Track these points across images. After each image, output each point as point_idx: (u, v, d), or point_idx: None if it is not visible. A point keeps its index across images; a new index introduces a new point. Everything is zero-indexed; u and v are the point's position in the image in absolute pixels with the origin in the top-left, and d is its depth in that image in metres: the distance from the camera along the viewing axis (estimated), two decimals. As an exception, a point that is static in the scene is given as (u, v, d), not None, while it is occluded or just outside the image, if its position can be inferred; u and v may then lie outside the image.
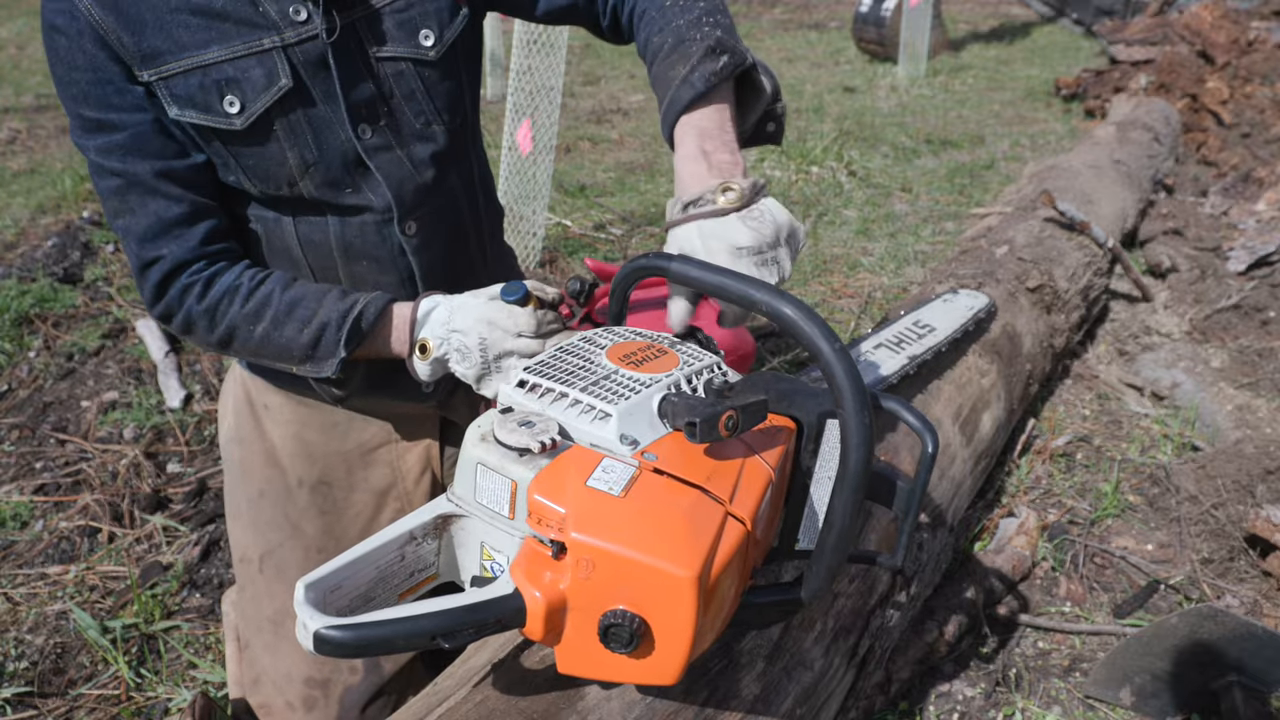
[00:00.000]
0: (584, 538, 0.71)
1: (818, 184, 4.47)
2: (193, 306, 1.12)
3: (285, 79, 1.06)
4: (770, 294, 0.78)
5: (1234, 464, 2.03)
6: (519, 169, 3.41)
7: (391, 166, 1.16)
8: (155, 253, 1.10)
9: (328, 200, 1.15)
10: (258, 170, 1.11)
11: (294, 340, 1.12)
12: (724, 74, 1.05)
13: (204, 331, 1.14)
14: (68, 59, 1.03)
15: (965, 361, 1.82)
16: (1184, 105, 4.74)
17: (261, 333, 1.12)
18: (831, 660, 1.17)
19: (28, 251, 3.50)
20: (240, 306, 1.12)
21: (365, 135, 1.13)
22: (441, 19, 1.17)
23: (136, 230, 1.10)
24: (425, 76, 1.17)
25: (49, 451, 2.42)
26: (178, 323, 1.15)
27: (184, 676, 1.75)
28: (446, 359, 1.10)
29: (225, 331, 1.13)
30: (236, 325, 1.13)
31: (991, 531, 2.00)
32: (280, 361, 1.15)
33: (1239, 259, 3.14)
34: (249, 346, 1.14)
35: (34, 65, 7.14)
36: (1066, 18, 8.84)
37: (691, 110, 1.04)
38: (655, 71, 1.12)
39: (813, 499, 0.89)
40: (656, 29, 1.14)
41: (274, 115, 1.08)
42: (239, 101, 1.06)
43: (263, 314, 1.12)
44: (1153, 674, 1.53)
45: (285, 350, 1.13)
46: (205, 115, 1.06)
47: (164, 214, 1.09)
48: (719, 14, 1.12)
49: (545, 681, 0.90)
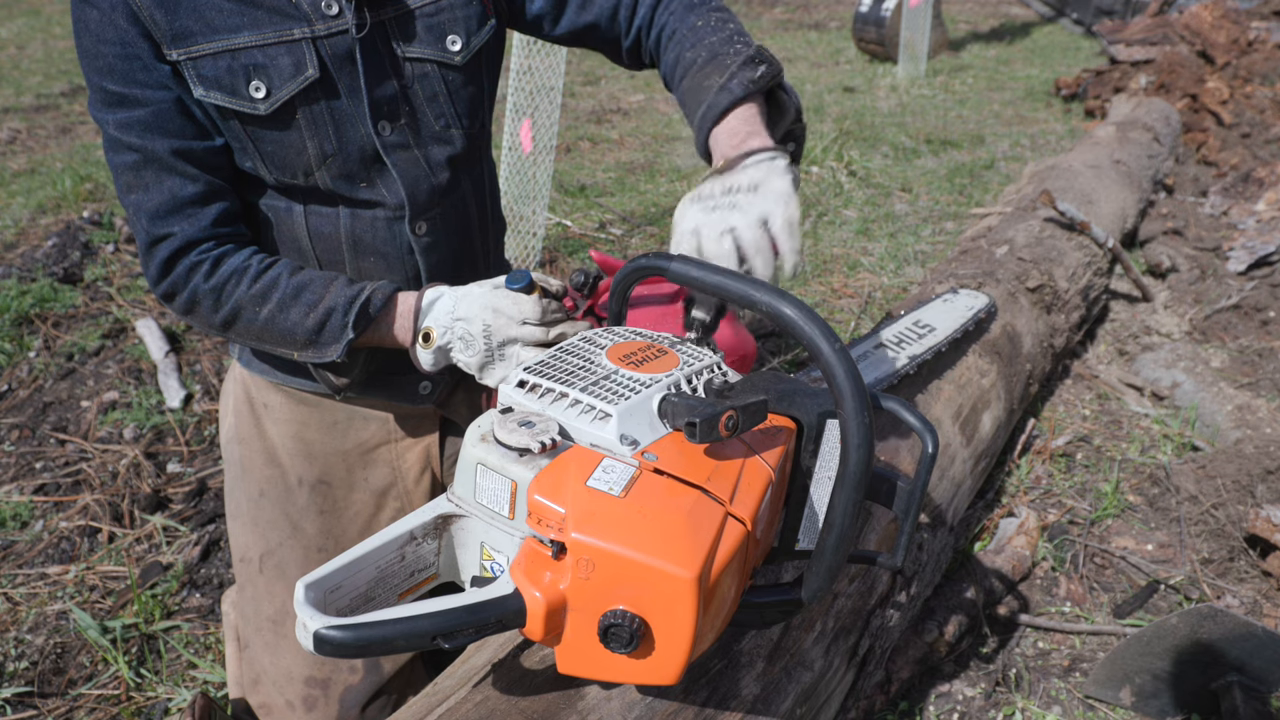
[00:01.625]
0: (584, 538, 0.71)
1: (818, 184, 4.47)
2: (199, 285, 1.11)
3: (312, 69, 1.08)
4: (770, 294, 0.78)
5: (1234, 464, 2.03)
6: (519, 169, 3.41)
7: (408, 165, 1.17)
8: (165, 229, 1.10)
9: (342, 193, 1.16)
10: (276, 157, 1.12)
11: (299, 324, 1.11)
12: (762, 82, 1.08)
13: (207, 311, 1.13)
14: (97, 32, 1.03)
15: (965, 361, 1.82)
16: (1184, 105, 4.74)
17: (267, 315, 1.12)
18: (831, 660, 1.17)
19: (28, 251, 3.50)
20: (247, 288, 1.12)
21: (385, 132, 1.15)
22: (470, 26, 1.19)
23: (149, 206, 1.09)
24: (449, 80, 1.19)
25: (49, 451, 2.42)
26: (181, 301, 1.13)
27: (184, 676, 1.75)
28: (450, 348, 1.11)
29: (230, 312, 1.12)
30: (242, 306, 1.12)
31: (991, 531, 2.00)
32: (282, 346, 1.14)
33: (1239, 259, 3.14)
34: (253, 328, 1.13)
35: (34, 65, 7.14)
36: (1066, 18, 8.84)
37: (728, 114, 1.07)
38: (688, 83, 1.14)
39: (813, 499, 0.89)
40: (689, 45, 1.17)
41: (298, 104, 1.09)
42: (265, 87, 1.07)
43: (269, 296, 1.12)
44: (1153, 674, 1.53)
45: (289, 334, 1.12)
46: (230, 98, 1.07)
47: (178, 192, 1.09)
48: (748, 35, 1.17)
49: (545, 681, 0.90)
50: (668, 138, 5.43)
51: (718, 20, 1.19)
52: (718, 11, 1.21)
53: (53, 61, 7.28)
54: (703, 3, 1.22)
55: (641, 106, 6.21)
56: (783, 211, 0.96)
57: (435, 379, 1.34)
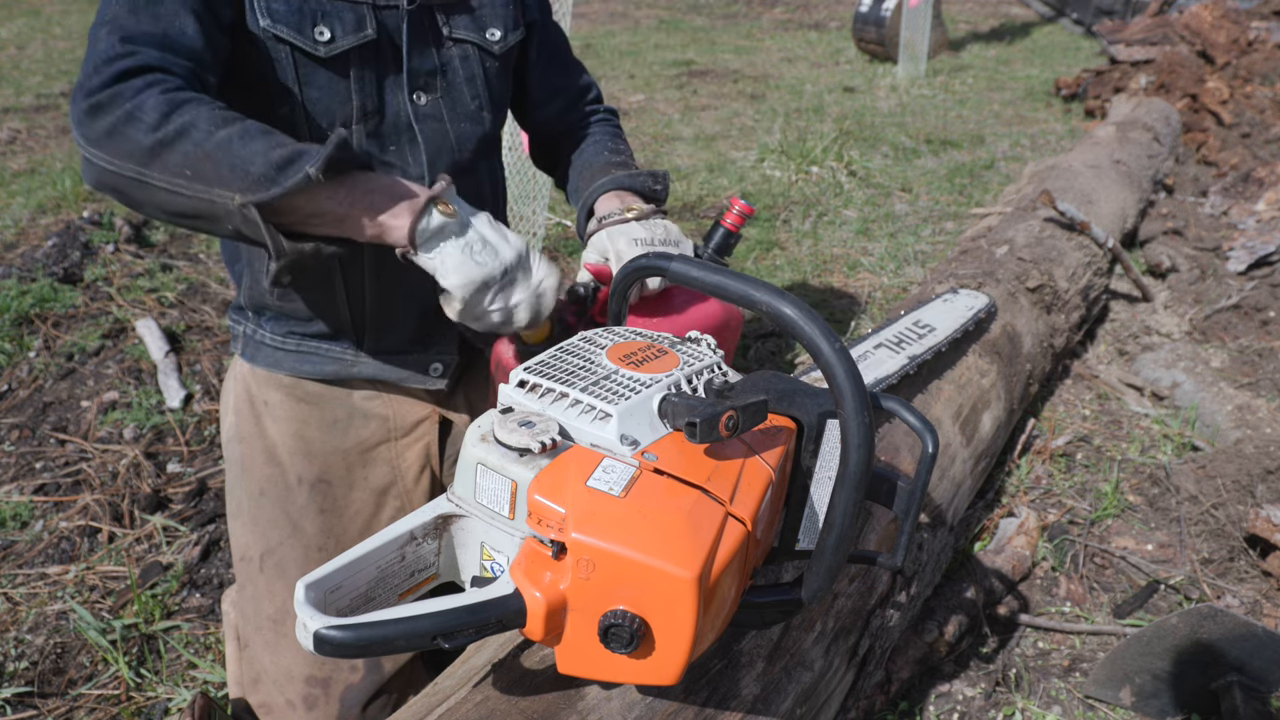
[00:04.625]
0: (584, 538, 0.71)
1: (818, 184, 4.47)
2: (152, 95, 0.96)
3: (371, 30, 1.15)
4: (770, 294, 0.78)
5: (1234, 464, 2.03)
6: (519, 169, 3.41)
7: (435, 137, 1.24)
8: (133, 49, 0.98)
9: (371, 152, 1.21)
10: (320, 103, 1.16)
11: (260, 154, 0.95)
12: (639, 185, 1.34)
13: (145, 127, 0.95)
14: None
15: (965, 361, 1.82)
16: (1184, 105, 4.73)
17: (223, 137, 0.95)
18: (831, 660, 1.17)
19: (28, 251, 3.50)
20: (210, 110, 0.98)
21: (419, 101, 1.22)
22: (507, 24, 1.31)
23: (129, 27, 0.98)
24: (487, 65, 1.29)
25: (49, 451, 2.42)
26: (116, 114, 0.95)
27: (184, 676, 1.75)
28: (453, 234, 1.03)
29: (176, 129, 0.95)
30: (194, 123, 0.95)
31: (991, 531, 2.00)
32: (221, 184, 0.94)
33: (1239, 259, 3.14)
34: (194, 154, 0.94)
35: (34, 65, 7.14)
36: (1066, 18, 8.84)
37: (607, 191, 1.34)
38: (578, 180, 1.42)
39: (813, 499, 0.89)
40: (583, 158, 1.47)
41: (353, 57, 1.15)
42: (329, 32, 1.13)
43: (231, 122, 0.97)
44: (1153, 674, 1.53)
45: (241, 163, 0.94)
46: (295, 34, 1.11)
47: (170, 30, 1.00)
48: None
49: (545, 681, 0.90)
50: (668, 138, 5.43)
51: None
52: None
53: (53, 61, 7.28)
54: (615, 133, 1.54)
55: (641, 106, 6.21)
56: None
57: (446, 360, 1.35)
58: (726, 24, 9.93)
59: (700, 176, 4.64)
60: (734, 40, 8.86)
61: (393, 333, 1.32)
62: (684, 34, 9.23)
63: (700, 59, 7.86)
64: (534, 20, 1.42)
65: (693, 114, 5.99)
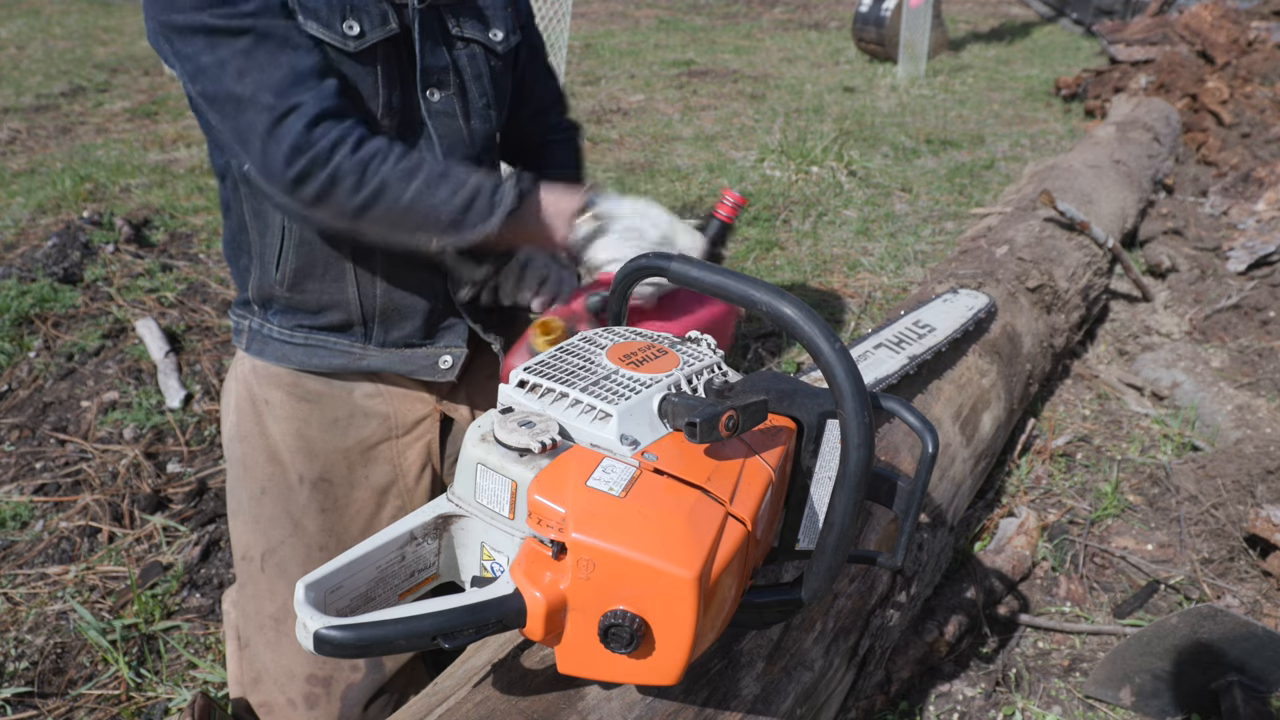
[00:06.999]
0: (584, 538, 0.71)
1: (818, 184, 4.47)
2: (344, 160, 1.09)
3: (394, 25, 1.18)
4: (770, 294, 0.78)
5: (1234, 464, 2.03)
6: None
7: (449, 133, 1.27)
8: (292, 100, 1.06)
9: None
10: (350, 95, 1.17)
11: (446, 202, 1.14)
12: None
13: (349, 190, 1.10)
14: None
15: (965, 361, 1.82)
16: (1184, 105, 4.74)
17: (414, 192, 1.12)
18: (831, 660, 1.17)
19: (28, 251, 3.50)
20: (394, 165, 1.12)
21: (432, 98, 1.25)
22: (508, 25, 1.35)
23: (269, 83, 1.06)
24: (492, 64, 1.32)
25: (49, 451, 2.42)
26: (320, 180, 1.09)
27: (184, 676, 1.75)
28: (606, 235, 1.22)
29: (375, 188, 1.11)
30: (389, 183, 1.11)
31: (991, 531, 2.00)
32: (423, 230, 1.15)
33: (1239, 259, 3.14)
34: (395, 209, 1.13)
35: (34, 65, 7.15)
36: (1066, 18, 8.84)
37: None
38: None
39: (813, 499, 0.89)
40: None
41: (379, 51, 1.18)
42: (358, 26, 1.15)
43: (416, 174, 1.13)
44: (1153, 674, 1.53)
45: (434, 212, 1.14)
46: (325, 30, 1.13)
47: (298, 65, 1.08)
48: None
49: (545, 681, 0.90)
50: (668, 138, 5.43)
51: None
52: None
53: (53, 61, 7.28)
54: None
55: (641, 106, 6.21)
56: None
57: (456, 354, 1.36)
58: (726, 24, 9.93)
59: (700, 177, 4.64)
60: (734, 40, 8.86)
61: (403, 325, 1.32)
62: (684, 34, 9.23)
63: (700, 59, 7.86)
64: (525, 24, 1.44)
65: (693, 114, 5.99)
